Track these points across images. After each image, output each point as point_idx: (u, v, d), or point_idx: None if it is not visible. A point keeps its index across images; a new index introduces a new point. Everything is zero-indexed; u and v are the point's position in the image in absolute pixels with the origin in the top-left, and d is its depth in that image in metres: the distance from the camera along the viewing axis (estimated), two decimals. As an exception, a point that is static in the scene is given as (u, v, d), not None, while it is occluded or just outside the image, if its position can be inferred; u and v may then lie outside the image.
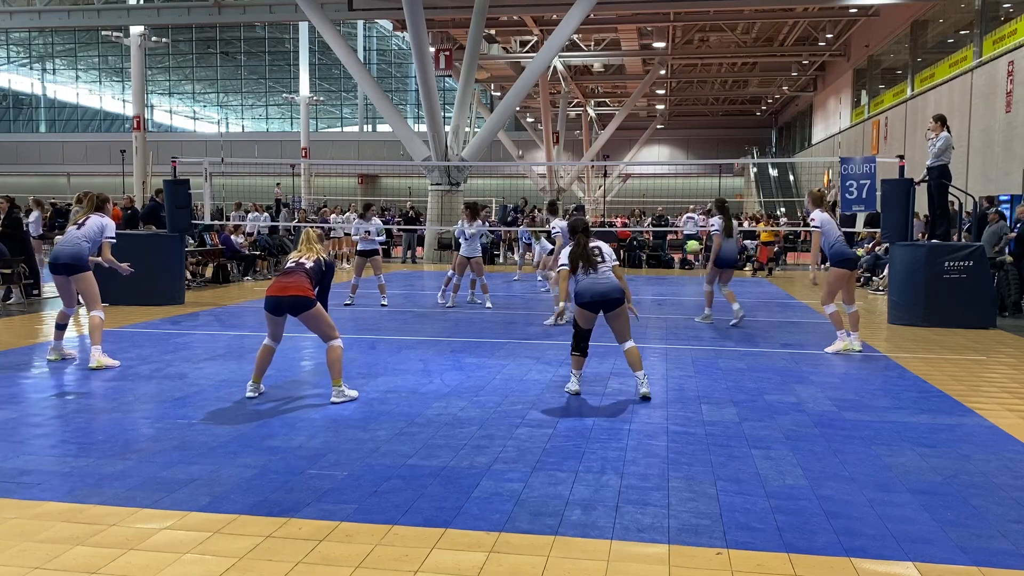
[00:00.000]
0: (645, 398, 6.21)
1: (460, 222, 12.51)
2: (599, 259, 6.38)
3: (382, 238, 12.82)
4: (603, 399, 6.25)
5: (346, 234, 19.98)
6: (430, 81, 21.38)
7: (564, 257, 6.54)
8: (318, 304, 6.09)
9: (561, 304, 6.95)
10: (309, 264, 6.17)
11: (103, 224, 7.75)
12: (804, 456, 4.81)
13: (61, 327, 7.63)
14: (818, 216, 8.45)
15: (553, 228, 12.22)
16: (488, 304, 12.13)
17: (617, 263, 6.52)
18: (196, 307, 11.96)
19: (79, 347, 8.28)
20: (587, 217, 32.52)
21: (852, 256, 8.58)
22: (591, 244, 6.44)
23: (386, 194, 53.16)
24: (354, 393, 6.24)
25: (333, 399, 6.09)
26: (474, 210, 12.33)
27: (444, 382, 6.83)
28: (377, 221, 12.73)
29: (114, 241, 7.85)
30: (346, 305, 12.04)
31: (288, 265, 6.27)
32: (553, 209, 13.40)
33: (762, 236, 20.18)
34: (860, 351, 8.46)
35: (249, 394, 6.21)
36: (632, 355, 6.31)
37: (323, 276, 6.24)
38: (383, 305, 12.05)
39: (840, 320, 8.54)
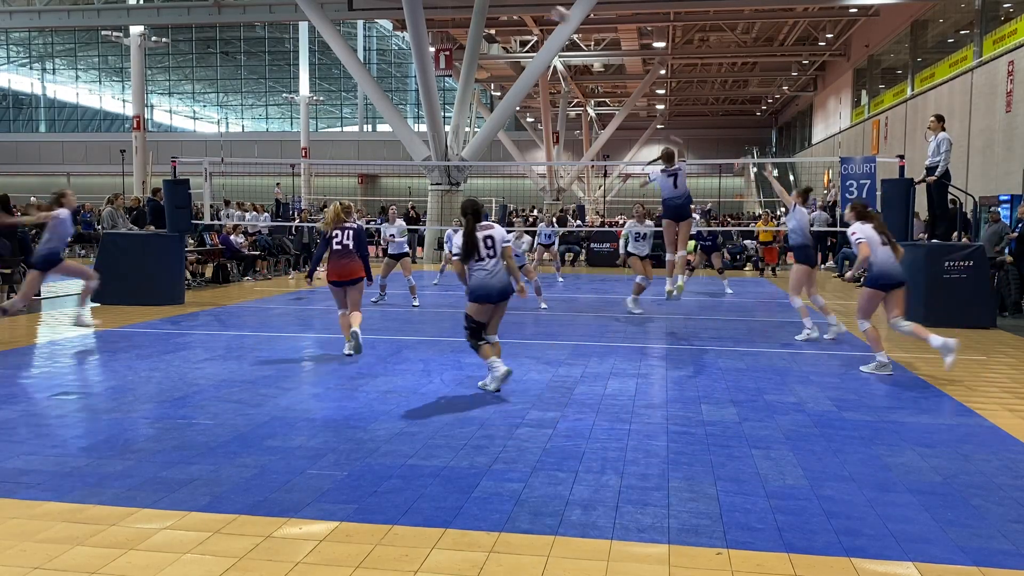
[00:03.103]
0: (495, 390, 6.36)
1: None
2: (490, 250, 6.32)
3: (405, 238, 12.87)
4: (603, 399, 6.25)
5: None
6: (430, 81, 21.37)
7: (457, 243, 6.47)
8: (364, 279, 8.04)
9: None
10: (351, 244, 7.87)
11: None
12: (804, 456, 4.81)
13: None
14: None
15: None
16: (543, 305, 12.20)
17: (508, 244, 6.45)
18: (196, 307, 11.96)
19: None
20: (587, 217, 32.35)
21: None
22: (483, 234, 6.33)
23: (386, 194, 53.13)
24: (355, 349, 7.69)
25: (347, 351, 7.79)
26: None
27: (444, 382, 6.83)
28: (401, 223, 12.79)
29: None
30: (374, 303, 12.23)
31: (336, 247, 7.89)
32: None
33: (761, 236, 20.16)
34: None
35: (347, 352, 7.81)
36: (497, 347, 6.55)
37: (361, 244, 7.95)
38: (415, 306, 12.09)
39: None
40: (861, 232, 7.40)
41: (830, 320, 9.38)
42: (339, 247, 7.92)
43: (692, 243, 21.12)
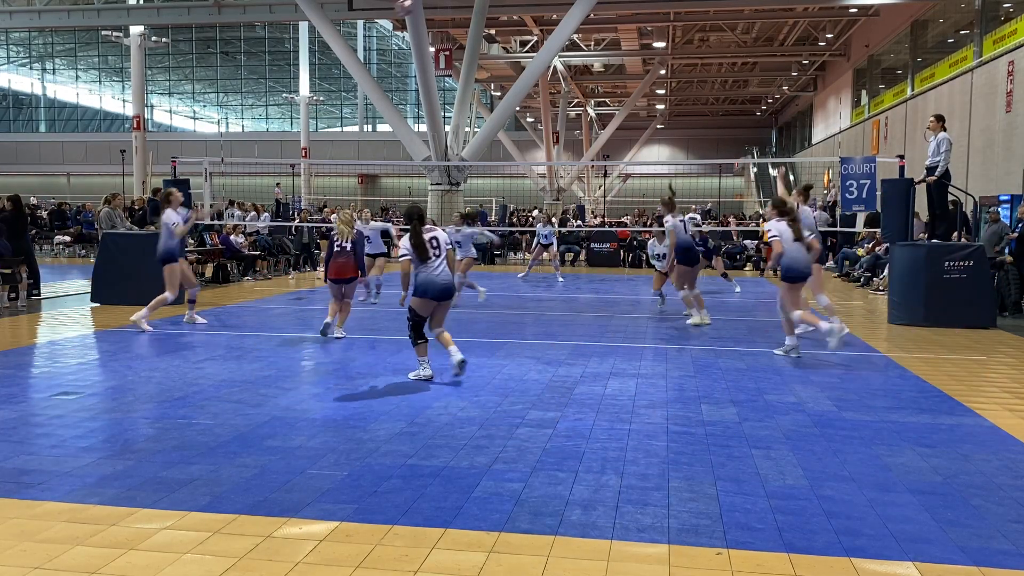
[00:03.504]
0: (461, 364, 6.80)
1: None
2: (436, 251, 6.86)
3: (394, 236, 13.16)
4: (603, 399, 6.25)
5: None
6: (430, 81, 21.37)
7: (405, 246, 6.88)
8: (357, 278, 9.24)
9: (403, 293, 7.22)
10: (349, 246, 9.05)
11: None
12: (804, 456, 4.81)
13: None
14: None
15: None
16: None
17: (451, 247, 7.06)
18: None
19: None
20: (587, 216, 32.47)
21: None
22: (428, 236, 6.86)
23: (386, 194, 53.17)
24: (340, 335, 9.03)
25: (338, 335, 9.02)
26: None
27: (444, 382, 6.83)
28: (375, 223, 12.91)
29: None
30: (373, 303, 12.63)
31: (336, 248, 9.06)
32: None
33: (764, 236, 20.11)
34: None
35: (337, 334, 9.06)
36: (445, 337, 7.00)
37: (357, 247, 9.16)
38: (373, 302, 12.53)
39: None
40: (776, 229, 8.09)
41: (833, 320, 9.41)
42: (338, 249, 9.06)
43: None
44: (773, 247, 8.08)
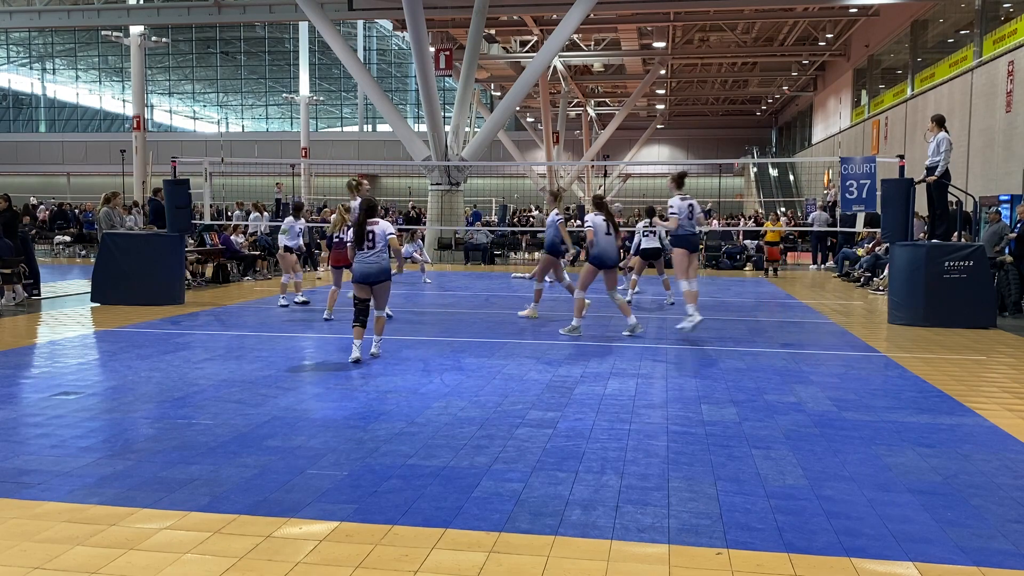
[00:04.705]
0: (374, 355, 7.85)
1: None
2: (370, 243, 7.61)
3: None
4: (603, 399, 6.25)
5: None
6: (430, 81, 21.39)
7: (350, 234, 7.83)
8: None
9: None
10: (348, 238, 8.96)
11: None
12: (804, 456, 4.81)
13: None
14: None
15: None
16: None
17: (392, 236, 7.71)
18: (196, 307, 11.95)
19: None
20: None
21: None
22: (369, 228, 7.62)
23: (386, 194, 53.14)
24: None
25: (326, 316, 10.30)
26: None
27: (444, 382, 6.83)
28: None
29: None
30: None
31: (335, 240, 10.36)
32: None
33: (768, 236, 20.09)
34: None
35: (326, 317, 10.38)
36: (380, 322, 7.95)
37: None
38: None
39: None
40: (590, 221, 9.23)
41: (687, 310, 9.33)
42: (337, 240, 10.31)
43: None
44: (587, 235, 9.18)
